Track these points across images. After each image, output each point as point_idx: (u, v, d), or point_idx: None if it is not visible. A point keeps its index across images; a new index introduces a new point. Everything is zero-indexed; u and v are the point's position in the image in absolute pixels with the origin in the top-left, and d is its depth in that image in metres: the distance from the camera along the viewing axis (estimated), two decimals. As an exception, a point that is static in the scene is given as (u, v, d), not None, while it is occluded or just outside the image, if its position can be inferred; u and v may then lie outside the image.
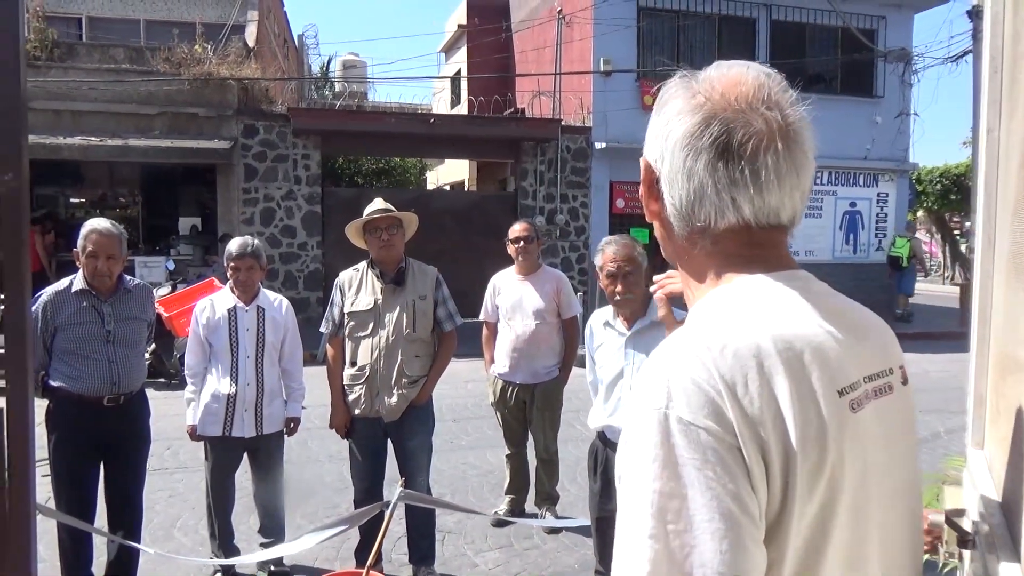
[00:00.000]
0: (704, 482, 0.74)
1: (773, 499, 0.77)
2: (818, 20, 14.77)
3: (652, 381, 0.81)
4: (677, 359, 0.81)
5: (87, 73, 12.04)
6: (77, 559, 3.53)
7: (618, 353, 3.25)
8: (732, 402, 0.77)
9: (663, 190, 0.92)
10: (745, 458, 0.76)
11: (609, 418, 3.23)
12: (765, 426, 0.77)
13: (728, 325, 0.84)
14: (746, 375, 0.78)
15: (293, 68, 20.99)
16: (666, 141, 0.91)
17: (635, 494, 0.77)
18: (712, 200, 0.88)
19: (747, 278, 0.90)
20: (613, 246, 3.22)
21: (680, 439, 0.75)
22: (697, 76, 0.93)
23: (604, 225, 13.82)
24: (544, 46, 15.88)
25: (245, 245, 3.88)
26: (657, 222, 0.98)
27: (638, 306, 3.24)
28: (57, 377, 3.42)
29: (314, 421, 6.03)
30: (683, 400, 0.77)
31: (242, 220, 12.51)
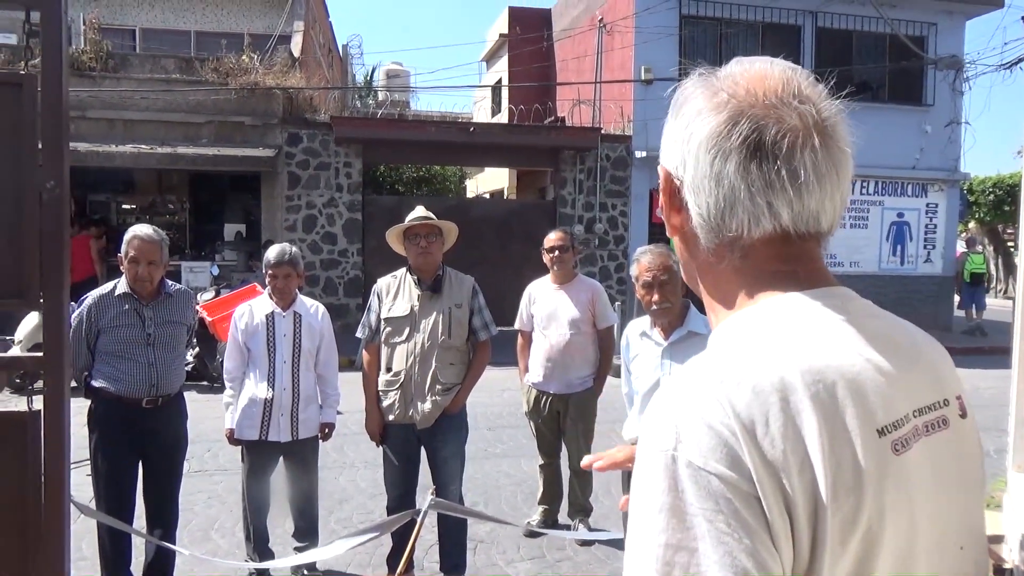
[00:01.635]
0: (716, 535, 0.66)
1: (800, 556, 0.69)
2: (865, 27, 14.48)
3: (659, 420, 0.73)
4: (687, 395, 0.73)
5: (139, 83, 12.39)
6: (116, 558, 3.61)
7: (655, 363, 3.22)
8: (750, 445, 0.68)
9: (687, 199, 0.83)
10: (765, 509, 0.67)
11: None
12: (789, 473, 0.68)
13: (748, 355, 0.75)
14: (767, 414, 0.70)
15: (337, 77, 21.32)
16: (687, 145, 0.81)
17: (641, 544, 0.70)
18: (745, 206, 0.78)
19: (778, 298, 0.80)
20: (648, 255, 3.19)
21: (689, 486, 0.68)
22: (717, 73, 0.84)
23: (643, 234, 13.72)
24: (585, 55, 15.86)
25: (283, 253, 3.94)
26: (678, 237, 0.88)
27: (675, 316, 3.20)
28: (99, 378, 3.51)
29: (350, 427, 6.08)
30: (693, 442, 0.69)
31: (285, 227, 12.72)
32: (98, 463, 3.49)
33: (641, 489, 0.72)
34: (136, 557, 3.75)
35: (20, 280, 1.56)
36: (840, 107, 0.82)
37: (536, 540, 4.60)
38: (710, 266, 0.86)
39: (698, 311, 3.28)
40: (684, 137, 0.82)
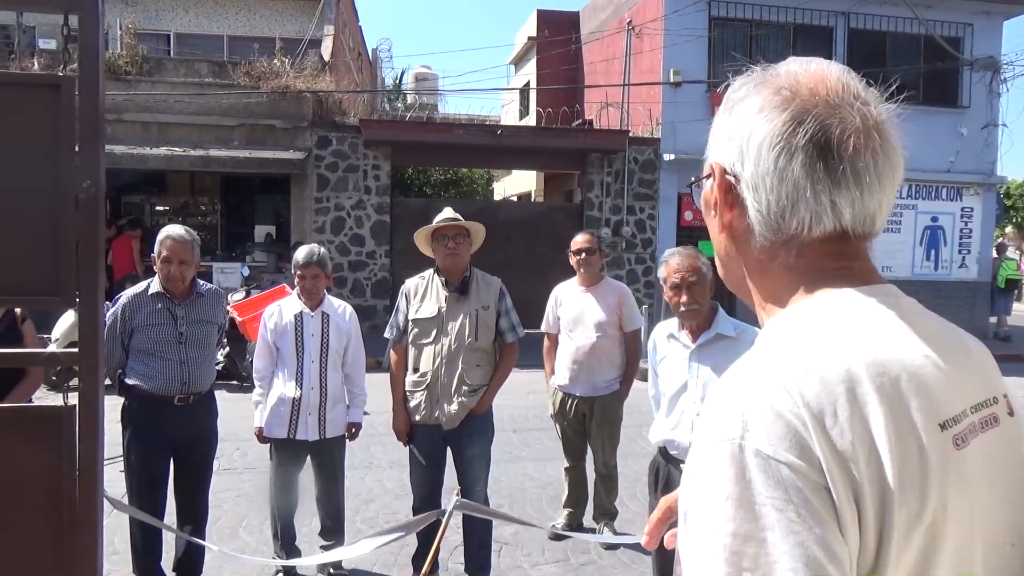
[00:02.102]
0: (786, 525, 0.65)
1: (867, 547, 0.69)
2: (899, 28, 14.26)
3: (723, 409, 0.73)
4: (754, 384, 0.72)
5: (173, 87, 12.61)
6: (147, 553, 3.67)
7: (682, 366, 3.19)
8: (819, 434, 0.68)
9: (744, 195, 0.83)
10: (834, 499, 0.67)
11: (672, 432, 3.17)
12: (858, 463, 0.68)
13: (812, 346, 0.74)
14: (835, 404, 0.69)
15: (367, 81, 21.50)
16: (748, 141, 0.82)
17: (705, 536, 0.69)
18: (809, 204, 0.79)
19: (834, 293, 0.81)
20: (677, 257, 3.17)
21: (758, 475, 0.67)
22: (774, 71, 0.85)
23: (671, 237, 13.63)
24: (613, 57, 15.82)
25: (311, 254, 3.98)
26: (726, 234, 0.88)
27: (703, 318, 3.17)
28: (133, 375, 3.58)
29: (377, 427, 6.13)
30: (761, 431, 0.68)
31: (314, 229, 12.85)
32: (131, 459, 3.56)
33: (703, 480, 0.71)
34: (166, 553, 3.82)
35: (57, 279, 1.60)
36: (892, 109, 0.83)
37: (561, 543, 4.59)
38: (761, 264, 0.86)
39: (726, 314, 3.25)
40: (744, 133, 0.83)
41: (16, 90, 1.65)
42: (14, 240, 1.61)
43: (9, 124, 1.61)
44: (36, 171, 1.61)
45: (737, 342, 3.12)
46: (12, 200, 1.61)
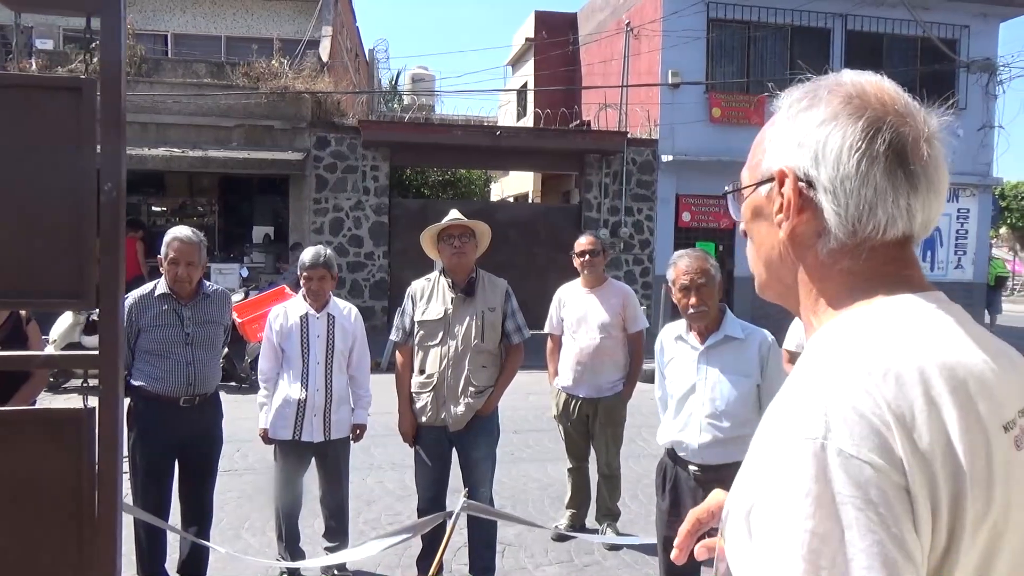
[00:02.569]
0: (866, 524, 0.67)
1: (937, 545, 0.70)
2: (896, 30, 14.33)
3: (804, 408, 0.73)
4: (835, 385, 0.74)
5: (171, 87, 12.59)
6: (152, 555, 3.67)
7: (691, 368, 3.20)
8: (902, 435, 0.70)
9: (819, 199, 0.84)
10: (912, 499, 0.69)
11: (680, 433, 3.18)
12: (935, 463, 0.70)
13: (886, 349, 0.76)
14: (913, 405, 0.71)
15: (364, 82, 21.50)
16: (824, 147, 0.84)
17: (781, 533, 0.70)
18: (888, 208, 0.82)
19: (896, 299, 0.83)
20: (686, 259, 3.17)
21: (839, 474, 0.68)
22: (835, 81, 0.88)
23: (669, 239, 13.66)
24: (611, 59, 15.85)
25: (318, 256, 3.99)
26: (786, 236, 0.88)
27: (712, 320, 3.18)
28: (139, 376, 3.58)
29: (377, 428, 6.11)
30: (845, 431, 0.70)
31: (312, 229, 12.84)
32: (136, 460, 3.55)
33: (779, 478, 0.72)
34: (170, 554, 3.82)
35: (79, 281, 1.60)
36: (941, 121, 0.88)
37: (564, 544, 4.61)
38: (822, 268, 0.87)
39: (734, 316, 3.26)
40: (817, 139, 0.85)
41: (38, 93, 1.65)
42: (35, 243, 1.61)
43: (31, 127, 1.61)
44: (57, 173, 1.61)
45: (745, 344, 3.13)
46: (34, 203, 1.61)
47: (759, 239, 0.94)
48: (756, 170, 0.93)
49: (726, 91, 14.00)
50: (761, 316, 3.52)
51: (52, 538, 1.65)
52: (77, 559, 1.66)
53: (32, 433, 1.65)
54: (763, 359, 3.12)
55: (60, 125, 1.61)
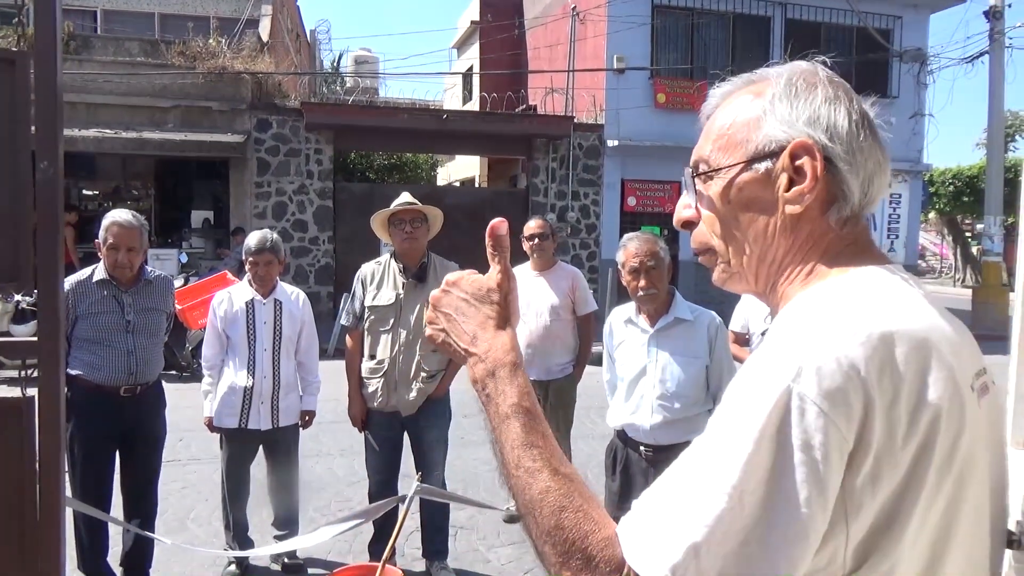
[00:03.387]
0: (807, 466, 0.71)
1: (889, 498, 0.75)
2: (834, 19, 14.70)
3: (780, 355, 0.77)
4: (814, 338, 0.77)
5: (102, 66, 12.09)
6: (93, 549, 3.56)
7: (640, 350, 3.23)
8: (864, 392, 0.73)
9: (841, 168, 0.89)
10: (857, 452, 0.73)
11: (632, 416, 3.21)
12: (898, 420, 0.74)
13: (866, 312, 0.80)
14: (886, 362, 0.75)
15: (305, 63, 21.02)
16: (835, 124, 0.89)
17: (730, 443, 0.74)
18: (880, 181, 0.91)
19: (867, 269, 0.89)
20: (635, 242, 3.20)
21: (796, 417, 0.72)
22: (805, 66, 0.95)
23: (615, 223, 13.80)
24: (557, 43, 15.86)
25: (264, 240, 3.90)
26: (802, 208, 0.90)
27: (661, 303, 3.22)
28: (76, 365, 3.45)
29: (325, 415, 6.03)
30: (813, 380, 0.73)
31: (254, 214, 12.55)
32: (74, 451, 3.42)
33: (748, 403, 0.75)
34: (112, 548, 3.70)
35: (15, 263, 1.53)
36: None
37: (516, 525, 4.62)
38: (820, 237, 0.91)
39: (683, 298, 3.31)
40: (829, 115, 0.90)
41: (-34, 65, 1.56)
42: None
43: (-41, 101, 1.53)
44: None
45: (694, 325, 3.18)
46: (-37, 182, 1.52)
47: (747, 218, 0.94)
48: (741, 148, 0.93)
49: (670, 77, 14.16)
50: (706, 300, 3.57)
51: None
52: (20, 554, 1.59)
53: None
54: (711, 340, 3.18)
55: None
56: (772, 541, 0.71)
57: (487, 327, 0.95)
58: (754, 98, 0.93)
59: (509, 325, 0.95)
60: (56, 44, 1.55)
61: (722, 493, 0.72)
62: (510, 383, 0.91)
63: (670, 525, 0.74)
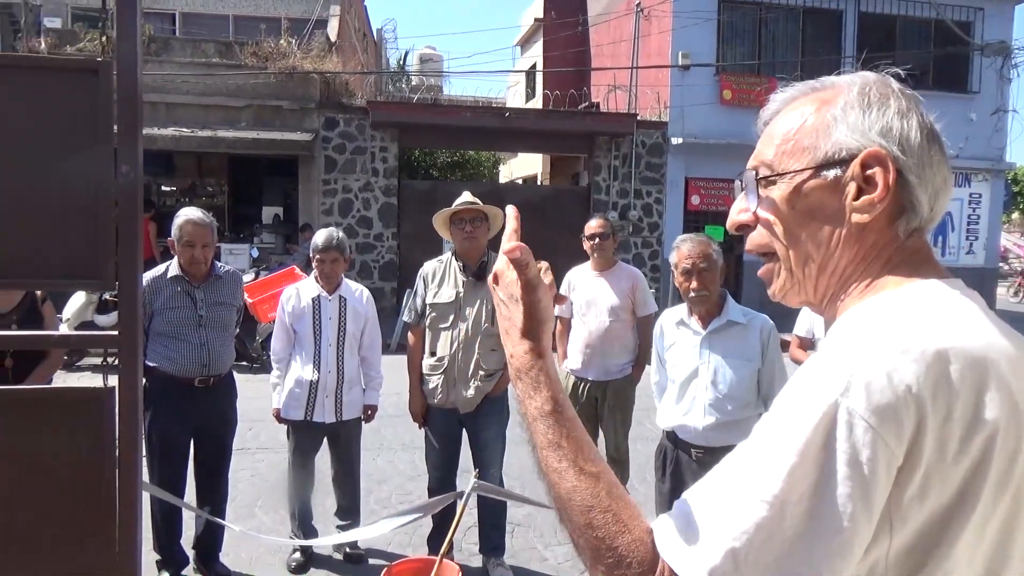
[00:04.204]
0: (853, 481, 0.71)
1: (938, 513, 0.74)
2: (910, 12, 14.16)
3: (830, 368, 0.76)
4: (866, 353, 0.76)
5: (180, 67, 12.56)
6: (168, 532, 3.72)
7: (692, 352, 3.22)
8: (916, 410, 0.73)
9: (911, 181, 0.88)
10: (906, 467, 0.73)
11: (684, 417, 3.21)
12: (950, 437, 0.73)
13: (920, 327, 0.78)
14: (940, 379, 0.74)
15: (372, 62, 21.40)
16: (907, 137, 0.89)
17: (775, 453, 0.74)
18: (944, 194, 0.90)
19: (925, 283, 0.87)
20: (688, 243, 3.21)
21: (844, 432, 0.72)
22: (879, 77, 0.94)
23: (679, 222, 13.63)
24: (621, 40, 15.73)
25: (330, 238, 4.00)
26: (870, 217, 0.89)
27: (713, 305, 3.21)
28: (153, 358, 3.61)
29: (387, 409, 6.16)
30: (863, 395, 0.73)
31: (321, 210, 12.85)
32: (152, 439, 3.59)
33: (795, 414, 0.75)
34: (185, 531, 3.86)
35: (97, 262, 1.61)
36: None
37: (573, 525, 4.63)
38: (883, 249, 0.90)
39: (735, 301, 3.29)
40: (903, 128, 0.89)
41: (55, 75, 1.65)
42: (54, 224, 1.62)
43: (49, 109, 1.62)
44: (75, 155, 1.62)
45: (747, 328, 3.17)
46: (52, 185, 1.62)
47: (812, 226, 0.92)
48: (807, 154, 0.91)
49: (737, 73, 13.89)
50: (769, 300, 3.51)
51: (74, 517, 1.67)
52: (99, 535, 1.68)
53: (52, 412, 1.67)
54: (764, 344, 3.17)
55: (77, 106, 1.61)
56: (815, 556, 0.71)
57: (513, 333, 0.96)
58: (822, 105, 0.92)
59: (533, 335, 0.95)
60: (137, 53, 1.63)
61: (763, 502, 0.73)
62: (534, 388, 0.92)
63: (711, 529, 0.75)
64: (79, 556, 1.70)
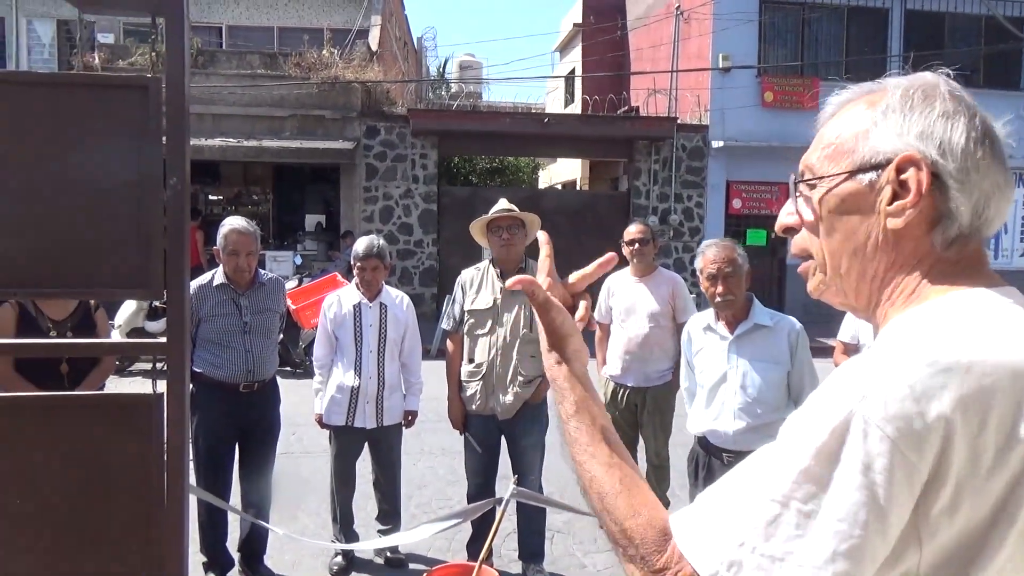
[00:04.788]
0: (866, 489, 0.71)
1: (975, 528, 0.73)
2: (959, 8, 13.80)
3: (853, 376, 0.77)
4: (887, 362, 0.76)
5: (226, 79, 12.87)
6: (214, 533, 3.81)
7: (721, 357, 3.23)
8: (941, 422, 0.72)
9: (951, 186, 0.85)
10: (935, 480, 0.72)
11: (714, 422, 3.22)
12: (983, 451, 0.72)
13: (953, 337, 0.77)
14: (971, 392, 0.73)
15: (412, 70, 21.62)
16: (950, 140, 0.86)
17: (789, 454, 0.76)
18: (998, 203, 0.87)
19: (971, 291, 0.85)
20: (713, 248, 3.23)
21: (858, 439, 0.72)
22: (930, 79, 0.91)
23: (720, 225, 13.47)
24: (660, 43, 15.63)
25: (371, 246, 4.05)
26: (903, 222, 0.87)
27: (739, 309, 3.22)
28: (200, 364, 3.70)
29: (427, 414, 6.21)
30: (879, 404, 0.73)
31: (363, 218, 13.02)
32: (199, 444, 3.68)
33: (811, 421, 0.76)
34: (231, 534, 3.95)
35: (146, 271, 1.67)
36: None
37: (613, 532, 4.61)
38: (924, 257, 0.88)
39: (761, 304, 3.27)
40: (944, 130, 0.86)
41: (107, 92, 1.72)
42: (105, 235, 1.69)
43: (101, 123, 1.68)
44: (126, 168, 1.68)
45: (774, 331, 3.17)
46: (104, 196, 1.68)
47: (847, 231, 0.92)
48: (847, 158, 0.91)
49: (779, 75, 13.70)
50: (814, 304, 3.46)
51: (124, 517, 1.73)
52: (147, 537, 1.74)
53: (104, 417, 1.73)
54: (792, 347, 3.17)
55: (128, 121, 1.67)
56: (819, 558, 0.72)
57: (543, 347, 1.04)
58: (867, 108, 0.91)
59: (556, 347, 1.02)
60: (185, 69, 1.68)
61: (772, 501, 0.74)
62: (562, 394, 1.01)
63: (723, 522, 0.77)
64: (128, 555, 1.76)
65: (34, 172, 1.65)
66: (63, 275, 1.68)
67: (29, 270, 1.67)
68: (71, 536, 1.72)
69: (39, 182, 1.65)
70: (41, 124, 1.66)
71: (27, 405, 1.78)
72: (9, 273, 1.66)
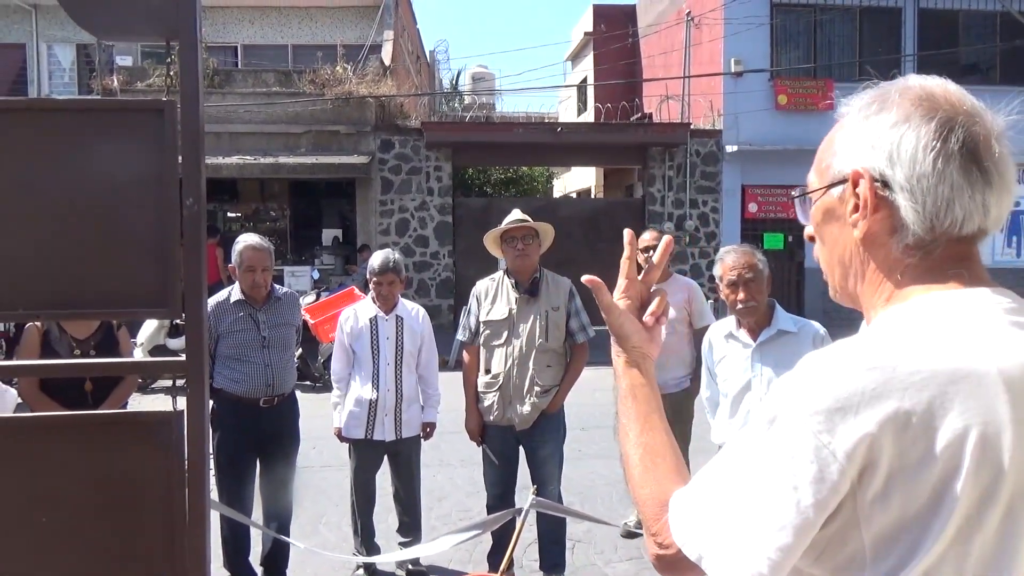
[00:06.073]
0: (787, 471, 0.79)
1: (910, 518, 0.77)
2: (973, 6, 13.69)
3: (797, 377, 0.83)
4: (834, 364, 0.81)
5: (242, 97, 13.03)
6: (236, 548, 3.84)
7: (744, 364, 3.17)
8: (870, 416, 0.76)
9: (895, 197, 0.88)
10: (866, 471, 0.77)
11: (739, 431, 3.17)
12: (911, 445, 0.76)
13: (891, 344, 0.82)
14: (904, 387, 0.77)
15: (425, 83, 21.77)
16: (898, 148, 0.87)
17: (739, 441, 0.87)
18: (965, 204, 0.86)
19: (942, 294, 0.87)
20: (732, 255, 3.18)
21: (785, 428, 0.80)
22: (902, 85, 0.91)
23: (736, 230, 13.41)
24: (672, 49, 15.64)
25: (387, 261, 4.08)
26: (861, 234, 0.91)
27: (762, 315, 3.15)
28: (220, 380, 3.75)
29: (446, 426, 6.20)
30: (807, 396, 0.79)
31: (379, 231, 13.11)
32: (220, 459, 3.72)
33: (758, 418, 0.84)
34: (253, 548, 3.98)
35: (165, 291, 1.70)
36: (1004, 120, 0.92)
37: (633, 541, 4.59)
38: (894, 263, 0.91)
39: (797, 309, 3.23)
40: (891, 140, 0.88)
41: (124, 115, 1.76)
42: (124, 255, 1.72)
43: (119, 146, 1.72)
44: (143, 190, 1.72)
45: (798, 337, 3.10)
46: (122, 217, 1.72)
47: (832, 240, 0.97)
48: (826, 173, 0.96)
49: (792, 77, 13.65)
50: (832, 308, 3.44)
51: (146, 532, 1.76)
52: (170, 553, 1.76)
53: (126, 434, 1.76)
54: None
55: (145, 144, 1.71)
56: (755, 532, 0.81)
57: (613, 344, 1.19)
58: (839, 122, 0.96)
59: (620, 345, 1.17)
60: (199, 92, 1.72)
61: (721, 481, 0.86)
62: (618, 386, 1.16)
63: (691, 497, 0.90)
64: (151, 571, 1.78)
65: (56, 196, 1.69)
66: (84, 296, 1.72)
67: (51, 292, 1.70)
68: (94, 553, 1.75)
69: (61, 206, 1.69)
70: (62, 148, 1.70)
71: (51, 425, 1.82)
72: (32, 296, 1.70)
